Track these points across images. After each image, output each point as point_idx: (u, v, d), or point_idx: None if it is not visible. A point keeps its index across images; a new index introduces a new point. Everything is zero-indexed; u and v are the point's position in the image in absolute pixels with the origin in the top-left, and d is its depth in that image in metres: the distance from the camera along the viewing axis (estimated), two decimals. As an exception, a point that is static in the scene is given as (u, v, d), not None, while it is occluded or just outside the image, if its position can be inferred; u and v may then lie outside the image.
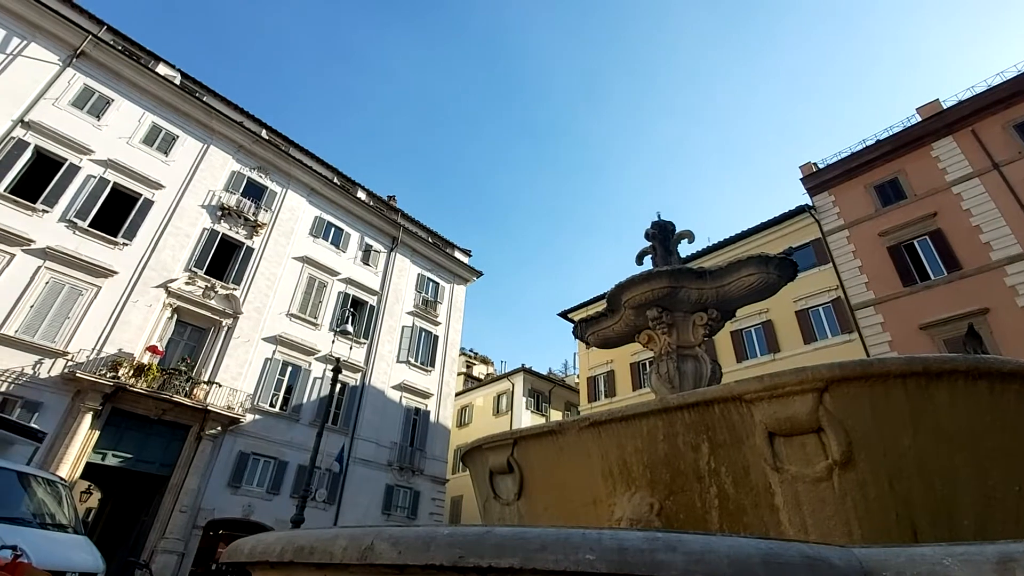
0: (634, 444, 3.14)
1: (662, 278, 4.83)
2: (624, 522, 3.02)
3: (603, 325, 5.66)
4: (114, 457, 16.36)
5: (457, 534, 1.56)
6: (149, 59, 21.82)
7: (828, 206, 21.79)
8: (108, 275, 17.50)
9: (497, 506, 3.97)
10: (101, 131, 19.01)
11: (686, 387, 4.68)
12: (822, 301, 20.51)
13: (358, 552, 1.68)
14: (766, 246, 22.69)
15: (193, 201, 20.61)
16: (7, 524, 6.72)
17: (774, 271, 4.64)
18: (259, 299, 21.16)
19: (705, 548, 1.34)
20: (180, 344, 19.05)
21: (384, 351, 24.93)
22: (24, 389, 15.08)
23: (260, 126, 24.72)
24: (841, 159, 21.88)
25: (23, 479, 7.87)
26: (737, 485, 2.77)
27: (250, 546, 2.23)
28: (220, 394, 18.49)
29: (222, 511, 17.86)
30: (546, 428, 3.67)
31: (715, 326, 5.04)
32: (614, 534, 1.43)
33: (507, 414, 34.11)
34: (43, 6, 18.38)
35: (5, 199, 16.23)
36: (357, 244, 26.21)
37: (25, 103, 17.37)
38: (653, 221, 5.88)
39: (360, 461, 21.99)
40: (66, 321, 16.32)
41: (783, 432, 2.65)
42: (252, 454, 19.13)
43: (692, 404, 2.95)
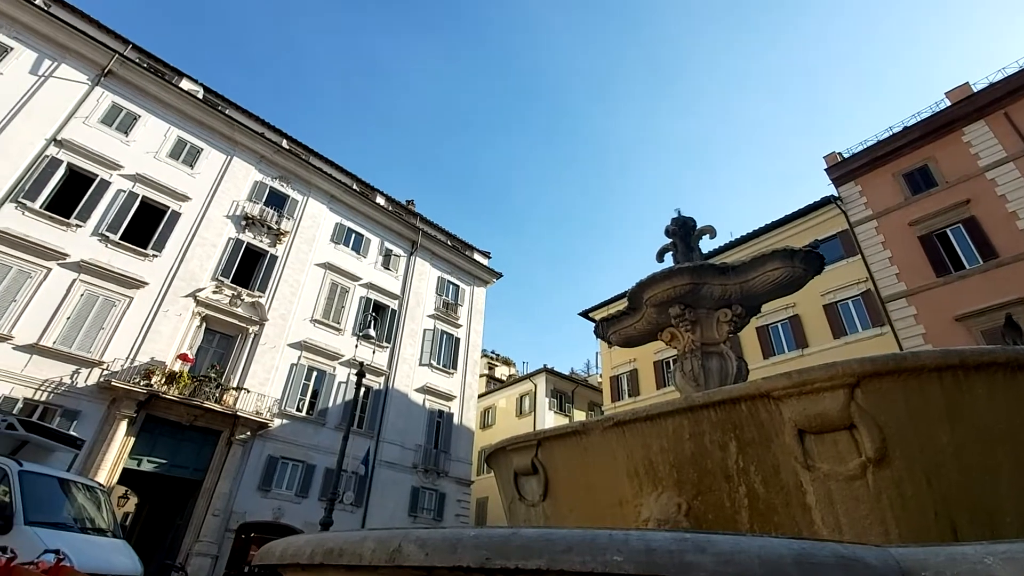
0: (659, 443, 3.11)
1: (684, 275, 4.76)
2: (651, 523, 2.98)
3: (625, 324, 5.61)
4: (149, 463, 16.84)
5: (483, 536, 1.57)
6: (173, 75, 22.44)
7: (855, 196, 21.24)
8: (139, 286, 18.04)
9: (522, 507, 3.96)
10: (129, 147, 19.61)
11: (711, 385, 4.61)
12: (851, 294, 19.99)
13: (386, 554, 1.70)
14: (791, 239, 22.22)
15: (218, 212, 21.11)
16: (50, 529, 6.97)
17: (800, 265, 4.54)
18: (284, 306, 21.56)
19: (735, 548, 1.32)
20: (209, 351, 19.52)
21: (406, 354, 25.15)
22: (63, 398, 15.63)
23: (281, 136, 25.20)
24: (867, 147, 21.31)
25: (64, 485, 8.16)
26: (767, 484, 2.71)
27: (281, 548, 2.27)
28: (249, 400, 18.89)
29: (253, 514, 18.23)
30: (570, 428, 3.65)
31: (740, 322, 4.95)
32: (641, 535, 1.41)
33: (530, 415, 34.07)
34: (72, 28, 19.06)
35: (41, 215, 16.87)
36: (377, 249, 26.51)
37: (57, 122, 18.03)
38: (673, 217, 5.80)
39: (385, 464, 22.21)
40: (101, 331, 16.87)
41: (814, 429, 2.59)
42: (281, 458, 19.48)
43: (718, 402, 2.90)
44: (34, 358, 15.50)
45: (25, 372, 15.24)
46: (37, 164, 17.21)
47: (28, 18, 18.30)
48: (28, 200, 16.69)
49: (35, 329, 15.68)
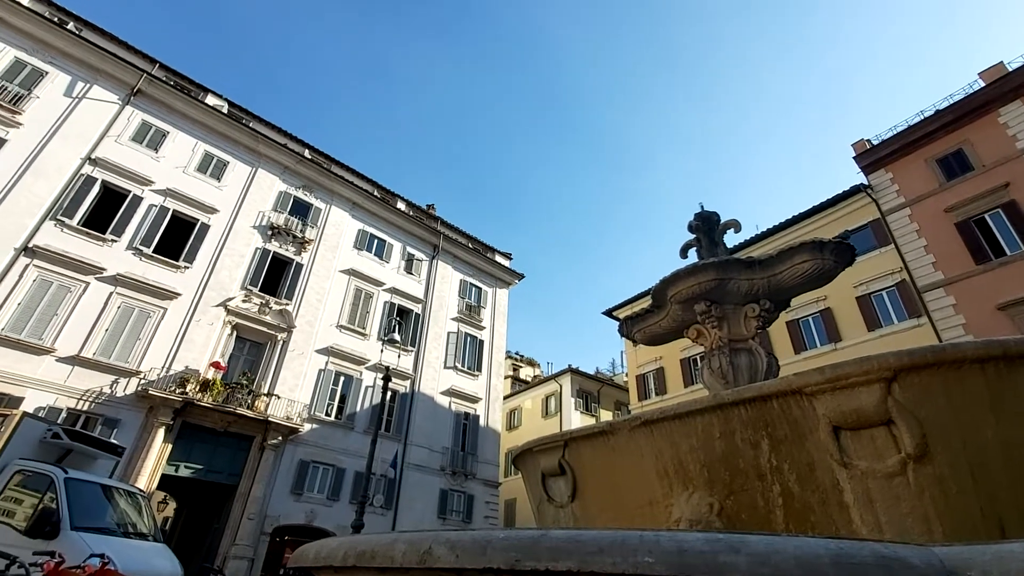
0: (689, 442, 3.06)
1: (709, 270, 4.69)
2: (683, 523, 2.94)
3: (649, 322, 5.55)
4: (186, 468, 17.33)
5: (513, 537, 1.57)
6: (198, 91, 23.10)
7: (886, 184, 20.60)
8: (172, 297, 18.61)
9: (551, 509, 3.95)
10: (159, 162, 20.26)
11: (741, 382, 4.52)
12: (885, 285, 19.39)
13: (417, 556, 1.72)
14: (820, 231, 21.67)
15: (245, 222, 21.64)
16: (95, 534, 7.23)
17: (830, 256, 4.42)
18: (310, 312, 21.96)
19: (770, 549, 1.29)
20: (240, 359, 20.01)
21: (431, 358, 25.35)
22: (103, 407, 16.22)
23: (303, 146, 25.70)
24: (897, 133, 20.64)
25: (107, 491, 8.45)
26: (802, 482, 2.65)
27: (315, 551, 2.31)
28: (279, 405, 19.30)
29: (287, 517, 18.60)
30: (596, 429, 3.62)
31: (768, 317, 4.85)
32: (672, 536, 1.40)
33: (556, 416, 33.97)
34: (103, 50, 19.80)
35: (78, 231, 17.55)
36: (399, 254, 26.81)
37: (91, 141, 18.74)
38: (696, 212, 5.72)
39: (414, 466, 22.41)
40: (137, 342, 17.46)
41: (849, 426, 2.52)
42: (312, 462, 19.84)
43: (748, 399, 2.84)
44: (76, 369, 16.13)
45: (68, 383, 15.87)
46: (73, 183, 17.92)
47: (62, 43, 19.08)
48: (66, 217, 17.38)
49: (76, 341, 16.32)
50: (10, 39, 18.19)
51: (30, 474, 7.64)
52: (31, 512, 7.15)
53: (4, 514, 7.28)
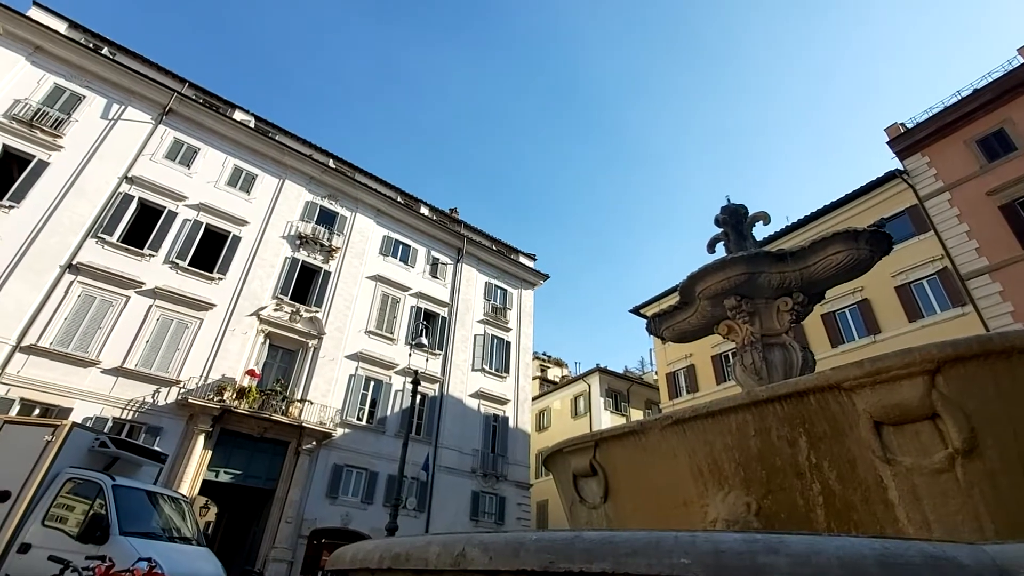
0: (723, 441, 3.00)
1: (738, 265, 4.59)
2: (719, 524, 2.88)
3: (678, 319, 5.47)
4: (225, 474, 17.84)
5: (546, 539, 1.56)
6: (226, 107, 23.81)
7: (922, 168, 19.83)
8: (208, 308, 19.21)
9: (583, 510, 3.92)
10: (192, 178, 20.95)
11: (775, 378, 4.41)
12: (926, 273, 18.65)
13: (451, 558, 1.73)
14: (854, 219, 21.00)
15: (274, 233, 22.20)
16: (142, 538, 7.49)
17: (865, 246, 4.27)
18: (339, 319, 22.36)
19: (811, 549, 1.26)
20: (274, 366, 20.51)
21: (459, 360, 25.50)
22: (146, 416, 16.84)
23: (327, 156, 26.21)
24: (933, 115, 19.84)
25: (152, 497, 8.75)
26: (843, 480, 2.56)
27: (351, 554, 2.35)
28: (312, 411, 19.70)
29: (323, 521, 18.96)
30: (627, 428, 3.58)
31: (802, 311, 4.72)
32: (708, 536, 1.37)
33: (585, 416, 33.76)
34: (136, 73, 20.60)
35: (118, 247, 18.28)
36: (424, 258, 27.07)
37: (128, 160, 19.50)
38: (723, 206, 5.61)
39: (445, 469, 22.57)
40: (176, 352, 18.07)
41: (892, 421, 2.43)
42: (345, 466, 20.18)
43: (784, 396, 2.77)
44: (120, 380, 16.79)
45: (113, 393, 16.53)
46: (112, 201, 18.68)
47: (97, 67, 19.92)
48: (106, 235, 18.13)
49: (119, 353, 16.98)
50: (50, 66, 19.08)
51: (80, 482, 7.96)
52: (82, 518, 7.46)
53: (58, 520, 7.61)
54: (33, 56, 18.80)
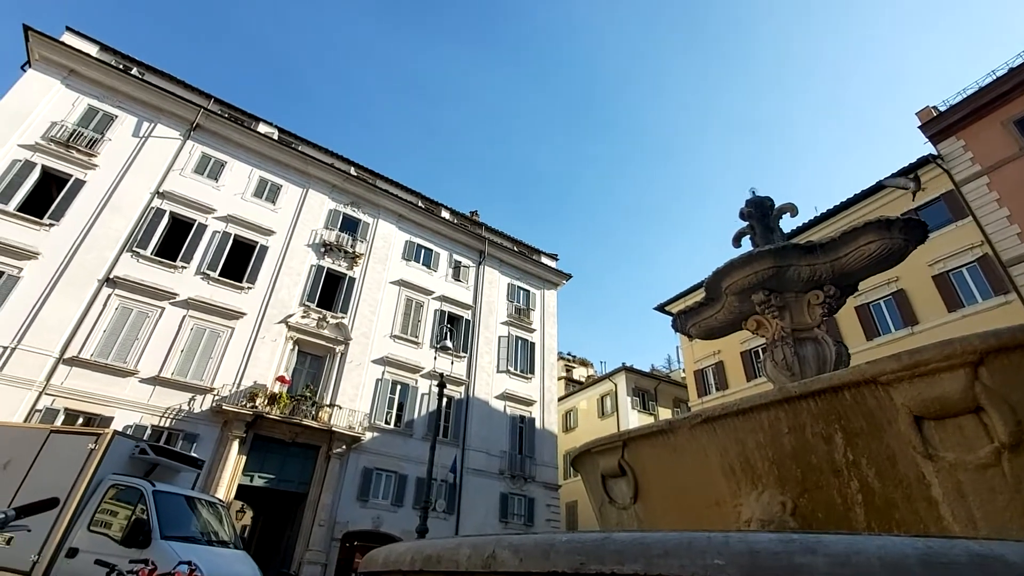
0: (755, 439, 2.93)
1: (765, 258, 4.49)
2: (754, 524, 2.82)
3: (704, 315, 5.37)
4: (260, 478, 18.26)
5: (576, 540, 1.56)
6: (250, 120, 24.41)
7: (958, 152, 19.10)
8: (238, 317, 19.71)
9: (613, 511, 3.89)
10: (220, 191, 21.54)
11: (808, 373, 4.30)
12: (965, 261, 17.95)
13: (481, 560, 1.73)
14: (886, 208, 20.37)
15: (300, 242, 22.65)
16: (182, 542, 7.71)
17: (898, 235, 4.12)
18: (364, 324, 22.68)
19: (850, 549, 1.22)
20: (303, 372, 20.92)
21: (483, 362, 25.58)
22: (183, 423, 17.36)
23: (348, 164, 26.63)
24: (967, 97, 19.09)
25: (190, 502, 9.01)
26: (882, 477, 2.48)
27: (384, 556, 2.38)
28: (341, 415, 20.02)
29: (354, 523, 19.24)
30: (655, 428, 3.53)
31: (834, 303, 4.58)
32: (743, 537, 1.35)
33: (612, 415, 33.48)
34: (164, 91, 21.30)
35: (152, 261, 18.90)
36: (446, 262, 27.25)
37: (158, 176, 20.17)
38: (748, 199, 5.49)
39: (473, 471, 22.66)
40: (210, 360, 18.59)
41: (932, 415, 2.34)
42: (375, 469, 20.44)
43: (817, 391, 2.69)
44: (157, 388, 17.35)
45: (151, 402, 17.09)
46: (145, 216, 19.34)
47: (128, 87, 20.66)
48: (141, 248, 18.77)
49: (156, 363, 17.55)
50: (83, 88, 19.86)
51: (123, 488, 8.25)
52: (125, 523, 7.72)
53: (102, 525, 7.89)
54: (67, 79, 19.60)
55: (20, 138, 17.83)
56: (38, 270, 16.68)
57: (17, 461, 8.54)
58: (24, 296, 16.21)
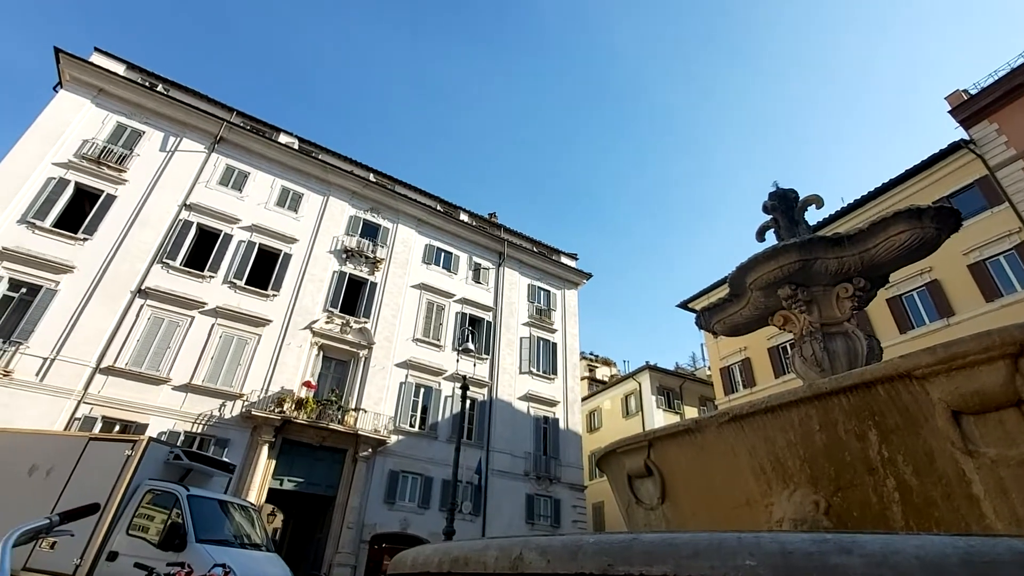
0: (785, 437, 2.87)
1: (790, 252, 4.39)
2: (786, 523, 2.75)
3: (729, 312, 5.28)
4: (289, 482, 18.59)
5: (604, 542, 1.54)
6: (271, 131, 24.91)
7: (991, 136, 18.43)
8: (265, 324, 20.12)
9: (641, 511, 3.84)
10: (244, 201, 22.04)
11: (839, 369, 4.19)
12: (1002, 248, 17.30)
13: (508, 562, 1.73)
14: (917, 196, 19.75)
15: (322, 249, 23.03)
16: (216, 545, 7.90)
17: (930, 224, 3.99)
18: (387, 328, 22.92)
19: (887, 549, 1.19)
20: (328, 377, 21.25)
21: (506, 364, 25.61)
22: (214, 428, 17.79)
23: (367, 171, 26.96)
24: (999, 79, 18.40)
25: (223, 506, 9.21)
26: (920, 475, 2.40)
27: (411, 558, 2.39)
28: (366, 419, 20.27)
29: (382, 526, 19.44)
30: (681, 427, 3.49)
31: (864, 296, 4.46)
32: (775, 537, 1.32)
33: (637, 415, 33.17)
34: (189, 106, 21.91)
35: (181, 271, 19.43)
36: (466, 264, 27.38)
37: (185, 189, 20.74)
38: (771, 191, 5.38)
39: (498, 473, 22.69)
40: (238, 367, 19.01)
41: (971, 409, 2.26)
42: (401, 472, 20.63)
43: (849, 387, 2.62)
44: (189, 396, 17.81)
45: (183, 408, 17.56)
46: (173, 228, 19.90)
47: (154, 104, 21.30)
48: (170, 259, 19.31)
49: (187, 370, 18.03)
50: (112, 106, 20.54)
51: (158, 493, 8.49)
52: (161, 527, 7.95)
53: (140, 529, 8.14)
54: (97, 98, 20.29)
55: (54, 156, 18.53)
56: (74, 283, 17.31)
57: (59, 468, 8.86)
58: (61, 309, 16.83)
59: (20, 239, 16.96)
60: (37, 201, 17.65)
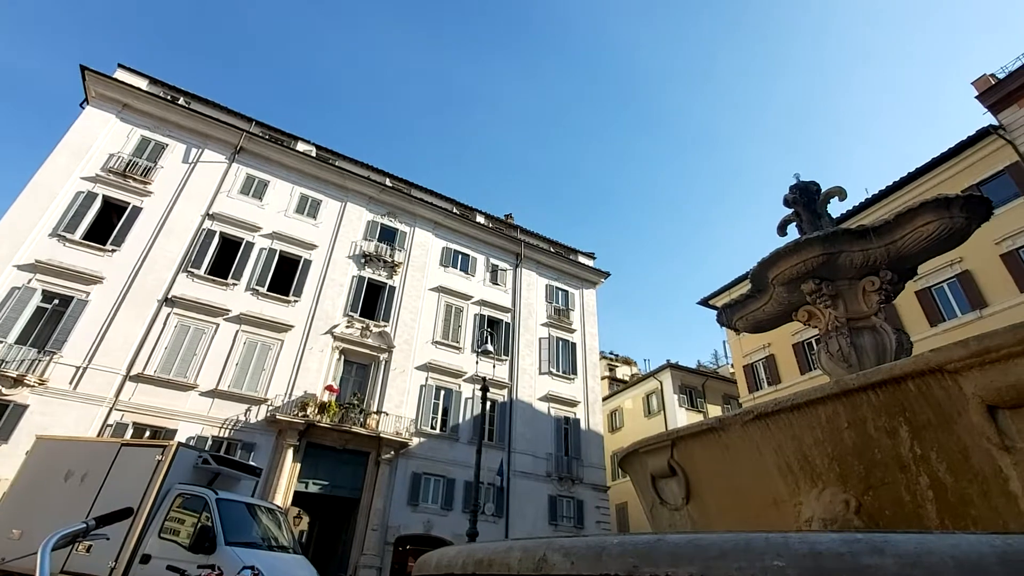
0: (812, 435, 2.81)
1: (813, 246, 4.30)
2: (815, 523, 2.69)
3: (751, 308, 5.20)
4: (314, 485, 18.85)
5: (628, 543, 1.53)
6: (289, 140, 25.33)
7: (1021, 121, 17.83)
8: (287, 329, 20.46)
9: (665, 512, 3.80)
10: (264, 209, 22.45)
11: (866, 364, 4.08)
12: (1035, 237, 16.71)
13: (532, 563, 1.73)
14: (945, 185, 19.19)
15: (341, 254, 23.33)
16: (245, 548, 8.03)
17: (959, 213, 3.87)
18: (406, 331, 23.11)
19: (921, 548, 1.16)
20: (349, 381, 21.50)
21: (525, 365, 25.60)
22: (240, 433, 18.14)
23: (383, 176, 27.23)
24: (1028, 62, 17.81)
25: (251, 509, 9.37)
26: (954, 472, 2.33)
27: (436, 560, 2.40)
28: (388, 422, 20.45)
29: (406, 528, 19.58)
30: (705, 426, 3.44)
31: (891, 289, 4.34)
32: (803, 537, 1.29)
33: (659, 414, 32.82)
34: (209, 118, 22.41)
35: (205, 279, 19.87)
36: (484, 266, 27.45)
37: (208, 199, 21.21)
38: (792, 184, 5.28)
39: (520, 474, 22.67)
40: (262, 372, 19.36)
41: (1008, 404, 2.18)
42: (423, 474, 20.76)
43: (878, 383, 2.55)
44: (215, 401, 18.20)
45: (210, 413, 17.95)
46: (197, 237, 20.37)
47: (176, 117, 21.84)
48: (194, 268, 19.77)
49: (213, 376, 18.42)
50: (136, 121, 21.12)
51: (188, 497, 8.67)
52: (192, 530, 8.11)
53: (171, 533, 8.32)
54: (122, 113, 20.89)
55: (83, 171, 19.13)
56: (103, 294, 17.83)
57: (93, 473, 9.11)
58: (92, 318, 17.35)
59: (52, 252, 17.54)
60: (67, 215, 18.24)
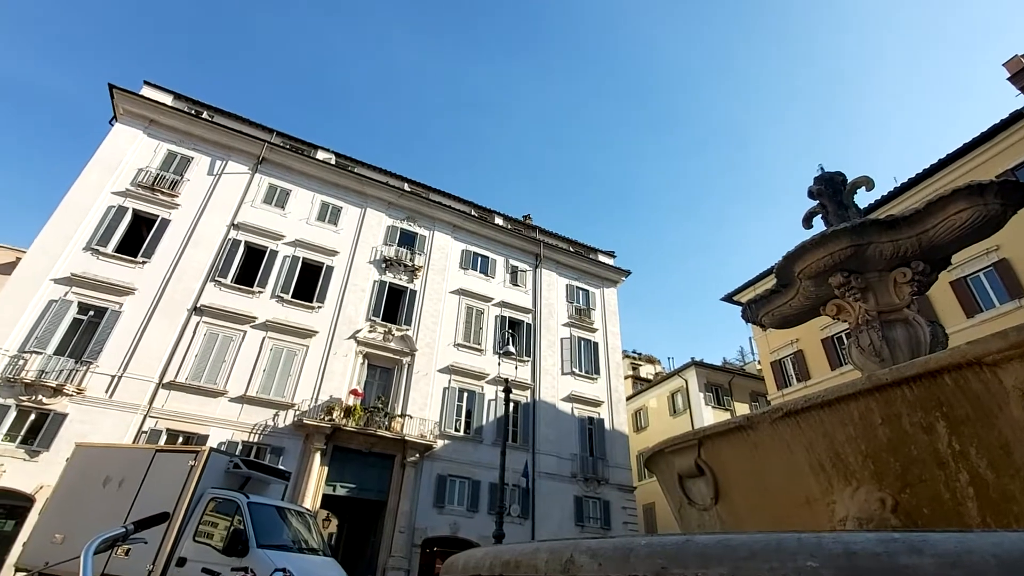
0: (845, 432, 2.73)
1: (841, 238, 4.18)
2: (850, 522, 2.62)
3: (777, 303, 5.09)
4: (341, 487, 19.10)
5: (656, 544, 1.51)
6: (309, 149, 25.77)
7: (1056, 103, 17.13)
8: (312, 335, 20.79)
9: (694, 512, 3.74)
10: (286, 218, 22.88)
11: (900, 358, 3.96)
12: (1076, 222, 15.97)
13: (559, 565, 1.72)
14: (978, 171, 18.51)
15: (362, 259, 23.63)
16: (276, 551, 8.18)
17: (994, 200, 3.71)
18: (428, 335, 23.27)
19: (961, 547, 1.11)
20: (373, 384, 21.75)
21: (547, 365, 25.54)
22: (269, 438, 18.49)
23: (402, 181, 27.49)
24: (1063, 41, 17.09)
25: (281, 512, 9.54)
26: (996, 468, 2.24)
27: (463, 562, 2.41)
28: (412, 424, 20.61)
29: (433, 530, 19.70)
30: (732, 424, 3.37)
31: (924, 280, 4.20)
32: (837, 537, 1.26)
33: (685, 413, 32.39)
34: (232, 130, 22.95)
35: (232, 288, 20.33)
36: (503, 268, 27.49)
37: (232, 209, 21.71)
38: (816, 176, 5.16)
39: (544, 475, 22.61)
40: (289, 378, 19.71)
41: (1052, 396, 2.09)
42: (448, 476, 20.86)
43: (912, 377, 2.47)
44: (244, 407, 18.59)
45: (240, 419, 18.34)
46: (223, 247, 20.87)
47: (200, 131, 22.42)
48: (221, 277, 20.25)
49: (242, 382, 18.82)
50: (162, 135, 21.76)
51: (221, 501, 8.87)
52: (225, 534, 8.30)
53: (205, 536, 8.52)
54: (148, 129, 21.54)
55: (113, 186, 19.77)
56: (135, 304, 18.39)
57: (129, 479, 9.39)
58: (126, 328, 17.91)
59: (87, 265, 18.16)
60: (100, 229, 18.87)
